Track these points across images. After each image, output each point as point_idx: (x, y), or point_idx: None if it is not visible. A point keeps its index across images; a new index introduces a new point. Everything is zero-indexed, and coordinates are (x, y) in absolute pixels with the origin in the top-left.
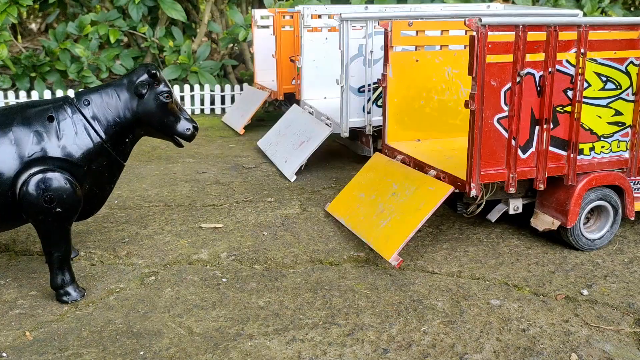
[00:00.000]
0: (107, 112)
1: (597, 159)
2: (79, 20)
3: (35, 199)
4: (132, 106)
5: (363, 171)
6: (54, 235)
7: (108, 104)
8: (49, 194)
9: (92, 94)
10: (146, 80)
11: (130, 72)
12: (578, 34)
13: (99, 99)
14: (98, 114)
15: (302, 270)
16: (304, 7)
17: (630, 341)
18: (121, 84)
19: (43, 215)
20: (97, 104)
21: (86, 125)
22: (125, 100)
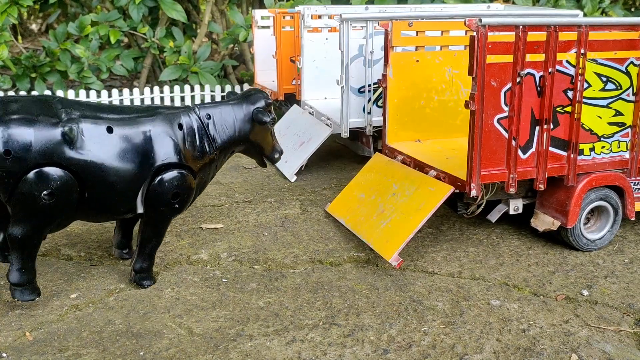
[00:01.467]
0: (224, 129)
1: (597, 160)
2: (79, 20)
3: (163, 193)
4: (247, 128)
5: (363, 171)
6: (163, 226)
7: (227, 121)
8: (175, 190)
9: (213, 110)
10: (264, 108)
11: (248, 96)
12: (578, 34)
13: (219, 115)
14: (217, 128)
15: (302, 270)
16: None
17: (631, 342)
18: (240, 106)
19: (165, 207)
20: (217, 120)
21: (207, 137)
22: (241, 120)
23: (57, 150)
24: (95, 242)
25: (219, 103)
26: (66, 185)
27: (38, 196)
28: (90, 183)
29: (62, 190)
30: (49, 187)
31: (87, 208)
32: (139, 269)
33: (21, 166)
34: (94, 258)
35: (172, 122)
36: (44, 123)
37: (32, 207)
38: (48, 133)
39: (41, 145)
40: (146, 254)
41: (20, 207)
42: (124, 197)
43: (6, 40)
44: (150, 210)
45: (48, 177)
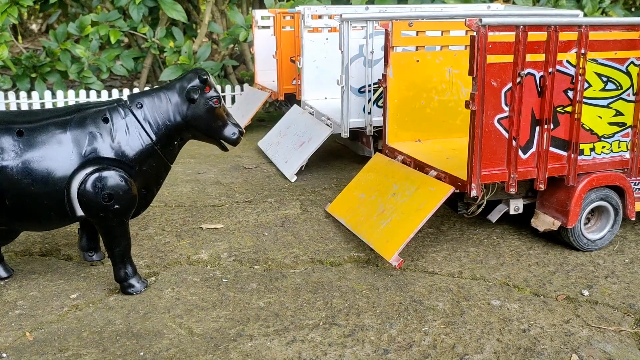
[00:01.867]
0: (159, 115)
1: (597, 160)
2: (79, 20)
3: (93, 197)
4: (183, 110)
5: (363, 172)
6: (117, 231)
7: (159, 107)
8: (106, 192)
9: (144, 97)
10: (197, 86)
11: (182, 77)
12: (578, 34)
13: (151, 102)
14: (149, 116)
15: (303, 270)
16: (305, 7)
17: (631, 342)
18: (172, 88)
19: (103, 212)
20: (149, 107)
21: (138, 127)
22: (176, 104)
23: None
24: None
25: (153, 90)
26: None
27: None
28: (6, 191)
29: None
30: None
31: (16, 217)
32: (122, 278)
33: None
34: None
35: (95, 118)
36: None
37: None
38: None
39: None
40: (119, 262)
41: None
42: (49, 201)
43: (6, 40)
44: (92, 218)
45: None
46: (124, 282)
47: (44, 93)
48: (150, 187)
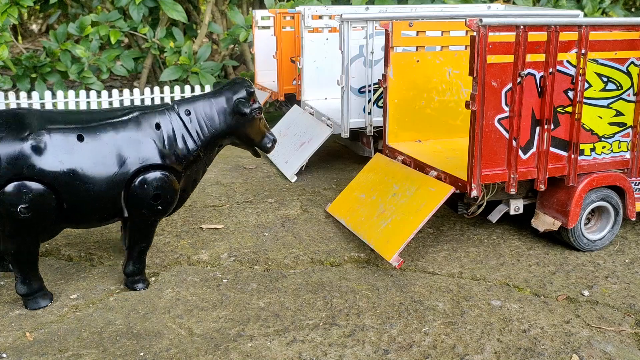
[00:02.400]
0: (205, 123)
1: (597, 160)
2: (79, 21)
3: (143, 196)
4: (228, 120)
5: (364, 172)
6: (149, 229)
7: (207, 114)
8: (157, 192)
9: (193, 105)
10: (245, 98)
11: (229, 87)
12: (579, 34)
13: (199, 109)
14: (197, 123)
15: (303, 271)
16: (305, 7)
17: (632, 342)
18: (219, 98)
19: (146, 210)
20: (197, 115)
21: (186, 133)
22: (222, 113)
23: (27, 163)
24: (95, 243)
25: (198, 97)
26: (41, 197)
27: (15, 211)
28: (65, 193)
29: (37, 203)
30: (24, 201)
31: (70, 216)
32: (130, 273)
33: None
34: (94, 259)
35: (149, 123)
36: (11, 138)
37: (13, 222)
38: (16, 147)
39: (10, 160)
40: (136, 257)
41: (5, 224)
42: (104, 203)
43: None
44: (134, 213)
45: (22, 191)
46: (132, 276)
47: (44, 93)
48: (188, 189)
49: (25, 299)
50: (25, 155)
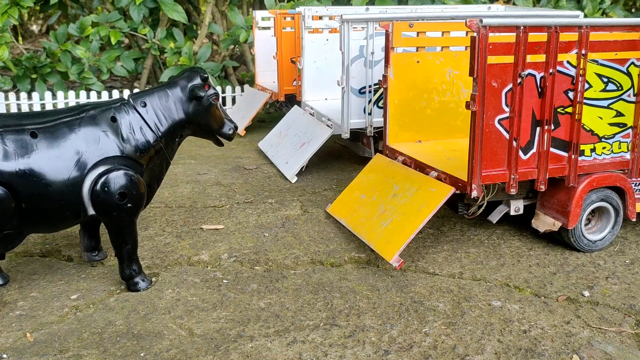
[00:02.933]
0: (162, 113)
1: (598, 160)
2: (79, 21)
3: (107, 197)
4: (186, 107)
5: (364, 172)
6: (127, 229)
7: (163, 105)
8: (119, 191)
9: (147, 96)
10: (200, 84)
11: (182, 76)
12: (579, 35)
13: (155, 100)
14: (154, 114)
15: (303, 271)
16: (305, 8)
17: (632, 342)
18: (174, 87)
19: (116, 211)
20: (153, 105)
21: (144, 125)
22: (179, 101)
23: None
24: None
25: (154, 89)
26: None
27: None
28: (23, 193)
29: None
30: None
31: (32, 219)
32: (128, 276)
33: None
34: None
35: (104, 117)
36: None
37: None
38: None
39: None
40: (126, 259)
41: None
42: (64, 202)
43: (7, 41)
44: (105, 217)
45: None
46: (130, 280)
47: (45, 94)
48: (153, 184)
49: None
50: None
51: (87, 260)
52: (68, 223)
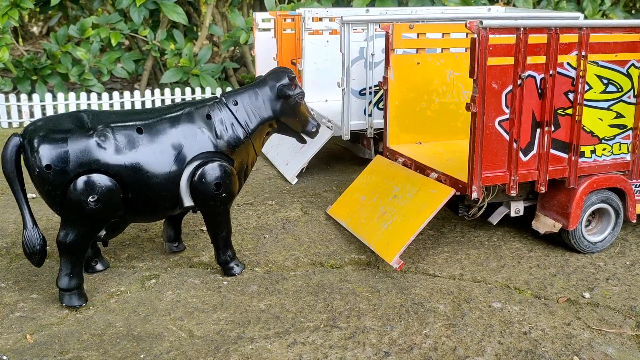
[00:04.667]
0: (253, 112)
1: (598, 162)
2: (80, 23)
3: (205, 187)
4: (273, 106)
5: (364, 174)
6: (222, 217)
7: (253, 104)
8: (217, 182)
9: (239, 95)
10: (288, 83)
11: (271, 76)
12: (579, 36)
13: (246, 99)
14: (245, 112)
15: (303, 273)
16: (305, 10)
17: (633, 344)
18: (264, 86)
19: (213, 201)
20: (244, 104)
21: (234, 122)
22: (268, 100)
23: (95, 157)
24: None
25: (244, 88)
26: (109, 189)
27: (85, 202)
28: (130, 184)
29: (106, 195)
30: (94, 193)
31: (135, 208)
32: (224, 262)
33: (64, 177)
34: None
35: (200, 115)
36: (77, 135)
37: (81, 213)
38: (83, 143)
39: (78, 156)
40: (222, 246)
41: (71, 214)
42: (165, 193)
43: (7, 43)
44: (203, 206)
45: (92, 184)
46: (225, 265)
47: (45, 95)
48: (241, 178)
49: (62, 293)
50: (91, 150)
51: (168, 251)
52: (165, 213)
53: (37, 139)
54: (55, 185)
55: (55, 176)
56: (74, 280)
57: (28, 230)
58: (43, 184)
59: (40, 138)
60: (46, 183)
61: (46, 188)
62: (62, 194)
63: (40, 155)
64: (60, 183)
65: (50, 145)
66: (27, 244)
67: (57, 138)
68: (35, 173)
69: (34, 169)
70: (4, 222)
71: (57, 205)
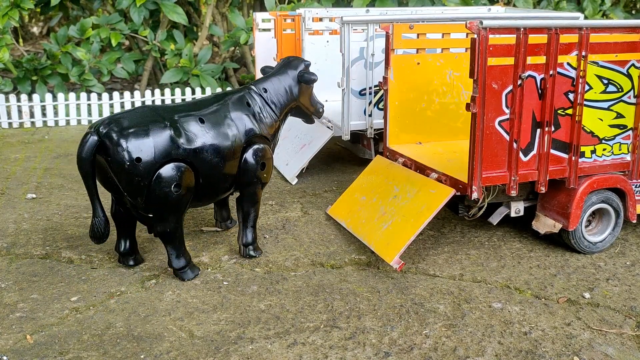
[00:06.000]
0: (279, 97)
1: (598, 162)
2: (80, 23)
3: (253, 167)
4: (295, 90)
5: (364, 174)
6: (258, 197)
7: (278, 89)
8: (262, 161)
9: (267, 83)
10: (306, 70)
11: (289, 65)
12: (579, 36)
13: (273, 86)
14: (274, 98)
15: (304, 273)
16: (306, 10)
17: (633, 344)
18: (285, 74)
19: (256, 179)
20: (272, 90)
21: (267, 107)
22: (290, 86)
23: (174, 147)
24: (95, 245)
25: (268, 76)
26: (188, 176)
27: (169, 190)
28: (201, 170)
29: (186, 181)
30: (176, 180)
31: (201, 192)
32: (248, 242)
33: (152, 167)
34: (94, 261)
35: (242, 102)
36: (157, 127)
37: (166, 201)
38: (164, 135)
39: (161, 147)
40: (250, 227)
41: (158, 204)
42: (227, 175)
43: (7, 43)
44: (245, 185)
45: (174, 172)
46: (249, 245)
47: (45, 96)
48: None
49: (177, 272)
50: (170, 141)
51: (223, 229)
52: (223, 194)
53: (121, 134)
54: (144, 176)
55: (145, 167)
56: (183, 258)
57: (98, 218)
58: (133, 176)
59: (125, 133)
60: (136, 175)
61: (136, 180)
62: (149, 184)
63: (130, 149)
64: (148, 173)
65: (137, 139)
66: (96, 229)
67: (141, 132)
68: (125, 167)
69: (123, 163)
70: (4, 222)
71: (143, 196)
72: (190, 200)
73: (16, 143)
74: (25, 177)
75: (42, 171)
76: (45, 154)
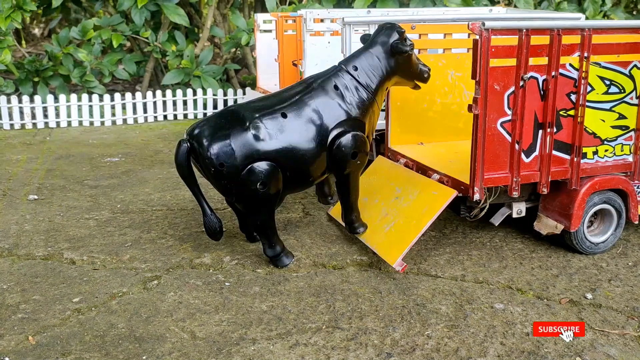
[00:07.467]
0: (372, 72)
1: (600, 163)
2: (81, 25)
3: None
4: (389, 62)
5: (366, 175)
6: (356, 182)
7: (370, 65)
8: (354, 151)
9: (357, 60)
10: (399, 39)
11: (381, 34)
12: (581, 37)
13: (364, 62)
14: (367, 75)
15: (305, 274)
16: (307, 11)
17: (635, 345)
18: (376, 46)
19: (350, 167)
20: (363, 67)
21: (358, 86)
22: (383, 58)
23: (255, 148)
24: (97, 246)
25: (358, 51)
26: (272, 173)
27: (255, 189)
28: (286, 164)
29: (270, 178)
30: (261, 179)
31: (291, 184)
32: (351, 221)
33: (236, 170)
34: (96, 262)
35: (329, 87)
36: (238, 131)
37: (255, 198)
38: (244, 138)
39: (242, 150)
40: (350, 208)
41: (247, 202)
42: (315, 165)
43: (9, 45)
44: (339, 173)
45: (258, 172)
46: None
47: (47, 97)
48: (369, 135)
49: (273, 259)
50: (251, 142)
51: (325, 204)
52: (316, 180)
53: (206, 142)
54: (230, 179)
55: (229, 171)
56: (277, 246)
57: (208, 216)
58: (220, 180)
59: (209, 141)
60: (223, 179)
61: (223, 183)
62: (236, 185)
63: (213, 157)
64: (233, 176)
65: (218, 145)
66: (209, 227)
67: (222, 138)
68: (212, 172)
69: (210, 169)
70: (6, 223)
71: (232, 195)
72: (280, 192)
73: (18, 144)
74: (27, 178)
75: (44, 172)
76: (47, 155)
